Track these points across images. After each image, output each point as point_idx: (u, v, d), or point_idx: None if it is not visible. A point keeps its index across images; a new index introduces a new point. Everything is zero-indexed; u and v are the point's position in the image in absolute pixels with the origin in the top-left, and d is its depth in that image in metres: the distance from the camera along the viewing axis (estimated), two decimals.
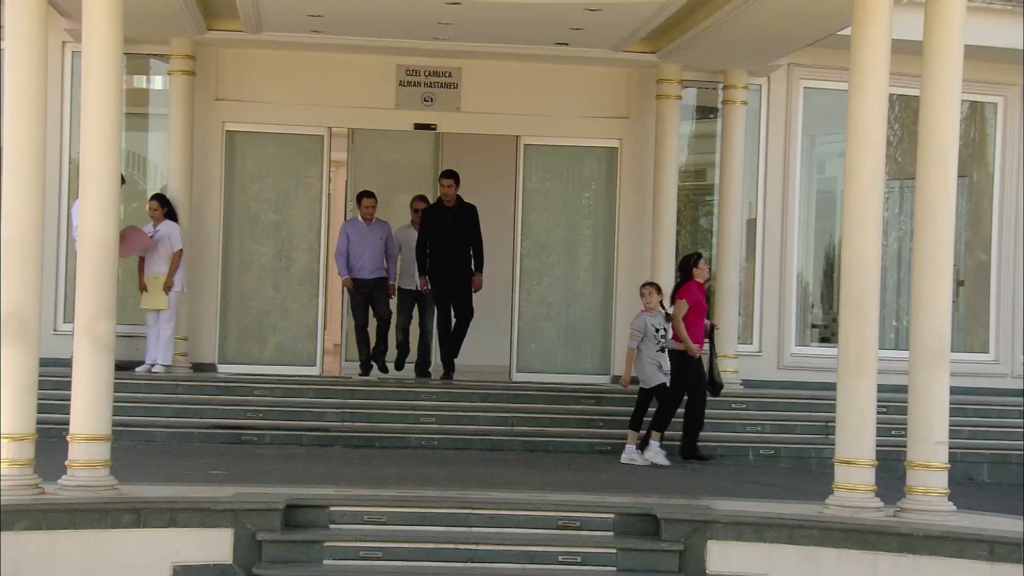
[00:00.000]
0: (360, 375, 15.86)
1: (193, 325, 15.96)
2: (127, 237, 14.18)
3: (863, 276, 10.36)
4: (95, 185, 10.19)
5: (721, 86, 16.38)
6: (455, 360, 15.80)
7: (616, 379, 16.32)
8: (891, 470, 11.71)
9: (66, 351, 14.91)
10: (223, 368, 16.09)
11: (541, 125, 16.59)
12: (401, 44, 15.54)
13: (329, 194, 16.70)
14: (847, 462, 10.41)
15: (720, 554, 10.07)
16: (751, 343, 16.73)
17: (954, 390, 10.68)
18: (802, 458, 14.70)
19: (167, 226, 15.38)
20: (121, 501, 9.82)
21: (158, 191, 16.03)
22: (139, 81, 17.03)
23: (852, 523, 10.01)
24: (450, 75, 16.37)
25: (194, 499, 10.02)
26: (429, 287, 15.78)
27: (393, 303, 16.22)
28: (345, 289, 16.43)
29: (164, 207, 15.43)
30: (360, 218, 16.05)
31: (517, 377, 16.44)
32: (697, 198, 17.48)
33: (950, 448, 10.51)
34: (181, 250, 15.38)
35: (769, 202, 16.85)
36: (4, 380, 9.78)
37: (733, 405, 15.16)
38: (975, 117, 17.72)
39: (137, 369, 15.16)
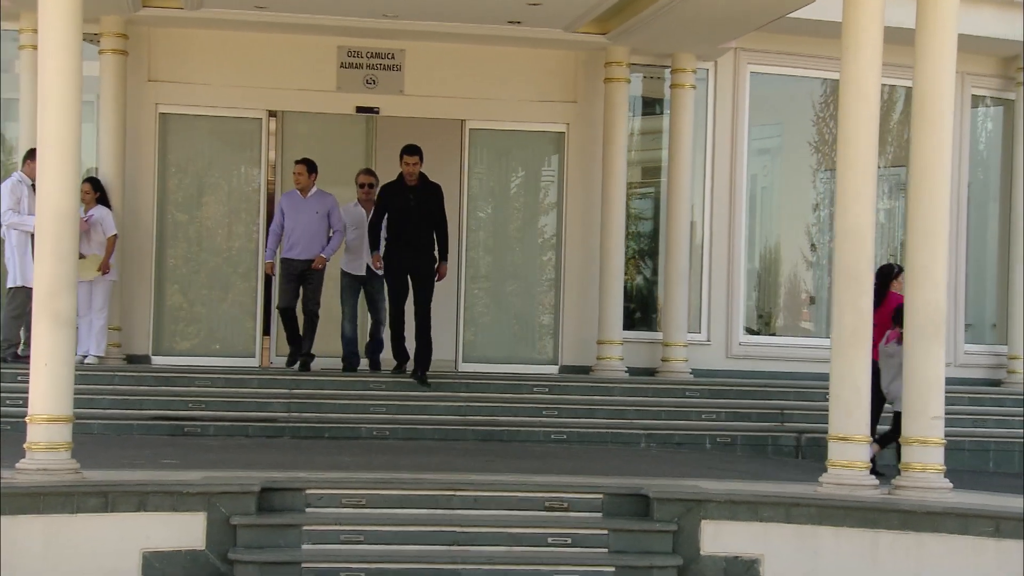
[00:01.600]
0: (288, 365, 14.90)
1: (126, 315, 15.31)
2: None
3: (858, 246, 10.10)
4: (55, 154, 9.55)
5: (669, 70, 16.09)
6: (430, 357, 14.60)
7: (565, 368, 16.03)
8: None
9: None
10: (157, 360, 15.49)
11: (487, 109, 16.13)
12: (343, 23, 15.03)
13: (267, 180, 16.13)
14: (842, 439, 10.16)
15: (715, 534, 9.71)
16: (700, 332, 16.44)
17: None
18: (759, 445, 14.43)
19: (100, 211, 14.73)
20: (87, 484, 9.25)
21: (91, 175, 15.33)
22: None
23: (852, 501, 9.73)
24: (393, 57, 15.86)
25: (164, 482, 9.47)
26: (381, 265, 14.48)
27: (336, 292, 15.34)
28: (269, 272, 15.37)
29: (97, 191, 14.78)
30: (296, 190, 15.06)
31: (463, 367, 15.99)
32: (642, 194, 17.17)
33: None
34: (116, 235, 14.75)
35: (717, 187, 16.54)
36: None
37: (687, 393, 14.98)
38: (908, 105, 17.43)
39: None
